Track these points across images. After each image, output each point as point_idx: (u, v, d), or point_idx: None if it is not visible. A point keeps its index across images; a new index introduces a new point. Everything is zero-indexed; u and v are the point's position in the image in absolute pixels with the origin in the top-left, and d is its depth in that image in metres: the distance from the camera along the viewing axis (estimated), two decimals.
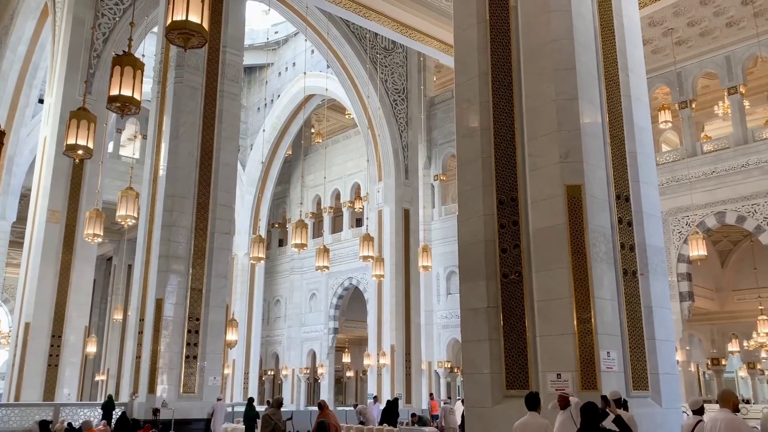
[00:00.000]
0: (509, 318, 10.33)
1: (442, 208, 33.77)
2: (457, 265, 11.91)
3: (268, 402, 13.88)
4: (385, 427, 16.08)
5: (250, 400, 18.78)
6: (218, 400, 17.85)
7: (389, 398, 23.38)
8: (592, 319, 9.48)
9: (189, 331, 18.66)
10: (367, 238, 23.64)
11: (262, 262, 27.24)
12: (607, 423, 6.81)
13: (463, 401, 20.58)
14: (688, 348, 27.17)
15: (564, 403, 7.64)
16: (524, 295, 10.23)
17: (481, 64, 11.46)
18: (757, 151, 24.48)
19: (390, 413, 19.83)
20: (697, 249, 20.94)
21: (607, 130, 10.76)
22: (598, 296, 9.69)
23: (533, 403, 7.65)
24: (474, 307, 10.83)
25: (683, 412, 11.24)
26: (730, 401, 6.54)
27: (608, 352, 9.50)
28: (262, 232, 33.05)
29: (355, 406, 20.06)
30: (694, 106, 27.19)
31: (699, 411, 8.08)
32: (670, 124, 26.23)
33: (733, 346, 29.99)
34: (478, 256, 10.89)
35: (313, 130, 42.95)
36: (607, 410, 7.49)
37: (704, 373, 33.10)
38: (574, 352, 9.41)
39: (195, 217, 19.05)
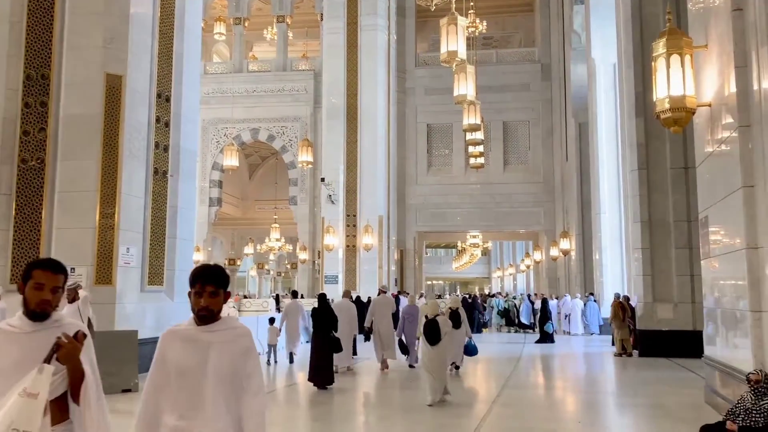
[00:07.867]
0: (24, 207, 9.41)
1: None
2: None
3: None
4: None
5: None
6: None
7: None
8: (116, 215, 9.39)
9: None
10: None
11: None
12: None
13: None
14: (210, 249, 29.46)
15: (73, 296, 7.45)
16: (45, 184, 9.44)
17: None
18: (292, 79, 27.50)
19: None
20: (231, 159, 22.56)
21: (157, 24, 10.50)
22: (126, 192, 9.62)
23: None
24: None
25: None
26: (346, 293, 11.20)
27: (128, 248, 9.59)
28: None
29: None
30: (247, 25, 28.67)
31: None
32: (223, 37, 27.15)
33: (249, 249, 33.85)
34: None
35: None
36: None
37: None
38: (92, 246, 9.21)
39: None
